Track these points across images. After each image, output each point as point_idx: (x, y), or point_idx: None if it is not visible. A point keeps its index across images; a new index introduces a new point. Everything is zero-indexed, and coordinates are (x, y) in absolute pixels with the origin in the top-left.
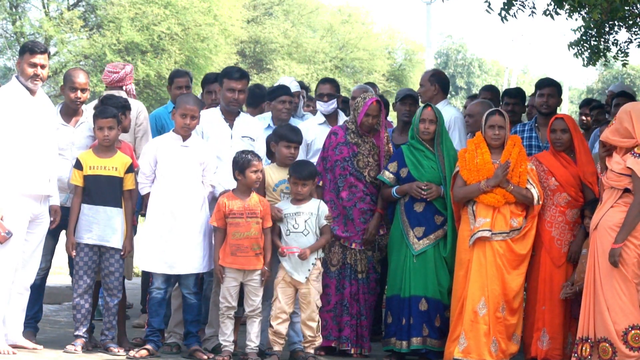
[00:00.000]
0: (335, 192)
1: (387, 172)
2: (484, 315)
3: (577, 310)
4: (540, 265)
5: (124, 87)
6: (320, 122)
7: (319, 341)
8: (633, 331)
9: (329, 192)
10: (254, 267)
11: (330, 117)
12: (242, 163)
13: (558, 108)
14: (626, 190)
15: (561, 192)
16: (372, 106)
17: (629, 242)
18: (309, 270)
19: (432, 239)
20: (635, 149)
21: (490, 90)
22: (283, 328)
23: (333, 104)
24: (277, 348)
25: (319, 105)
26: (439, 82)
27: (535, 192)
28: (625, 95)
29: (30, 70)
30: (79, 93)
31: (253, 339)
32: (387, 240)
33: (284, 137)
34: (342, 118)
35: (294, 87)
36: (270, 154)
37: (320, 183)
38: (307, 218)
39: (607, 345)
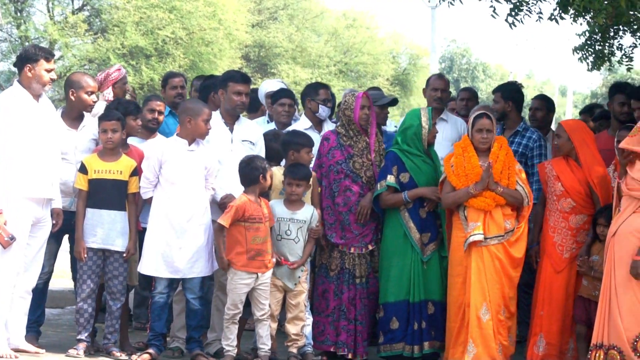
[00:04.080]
0: (331, 198)
1: (392, 177)
2: (488, 320)
3: (580, 314)
4: (542, 271)
5: (102, 93)
6: (306, 127)
7: (302, 341)
8: None
9: (326, 199)
10: (268, 270)
11: (317, 122)
12: (263, 169)
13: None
14: None
15: (566, 197)
16: (364, 98)
17: None
18: (299, 277)
19: (437, 244)
20: None
21: (468, 90)
22: (272, 330)
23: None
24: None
25: (322, 110)
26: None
27: (524, 193)
28: None
29: (47, 77)
30: (94, 97)
31: (265, 342)
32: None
33: (306, 144)
34: (326, 123)
35: (277, 88)
36: (272, 158)
37: (319, 190)
38: (300, 226)
39: (616, 352)
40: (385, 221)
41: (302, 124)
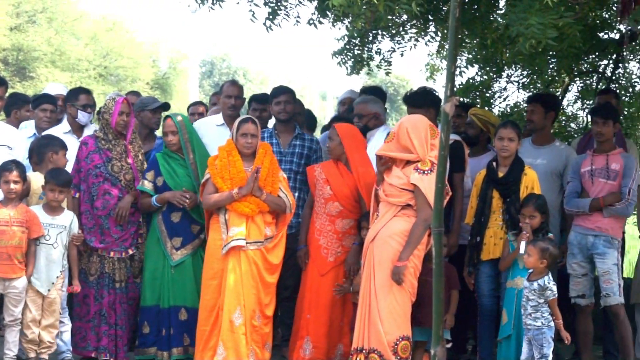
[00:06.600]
0: (90, 202)
1: (146, 182)
2: (241, 325)
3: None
4: (308, 274)
5: None
6: (65, 130)
7: (54, 347)
8: (403, 342)
9: (84, 203)
10: (15, 276)
11: (77, 127)
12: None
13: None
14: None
15: (334, 201)
16: (124, 104)
17: None
18: (53, 283)
19: (189, 249)
20: (419, 165)
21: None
22: (36, 336)
23: (91, 115)
24: (32, 355)
25: (82, 115)
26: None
27: (287, 200)
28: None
29: None
30: None
31: (12, 348)
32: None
33: (64, 147)
34: (87, 128)
35: (61, 91)
36: (34, 162)
37: (77, 195)
38: (60, 232)
39: (376, 356)
40: (150, 225)
41: (61, 127)
